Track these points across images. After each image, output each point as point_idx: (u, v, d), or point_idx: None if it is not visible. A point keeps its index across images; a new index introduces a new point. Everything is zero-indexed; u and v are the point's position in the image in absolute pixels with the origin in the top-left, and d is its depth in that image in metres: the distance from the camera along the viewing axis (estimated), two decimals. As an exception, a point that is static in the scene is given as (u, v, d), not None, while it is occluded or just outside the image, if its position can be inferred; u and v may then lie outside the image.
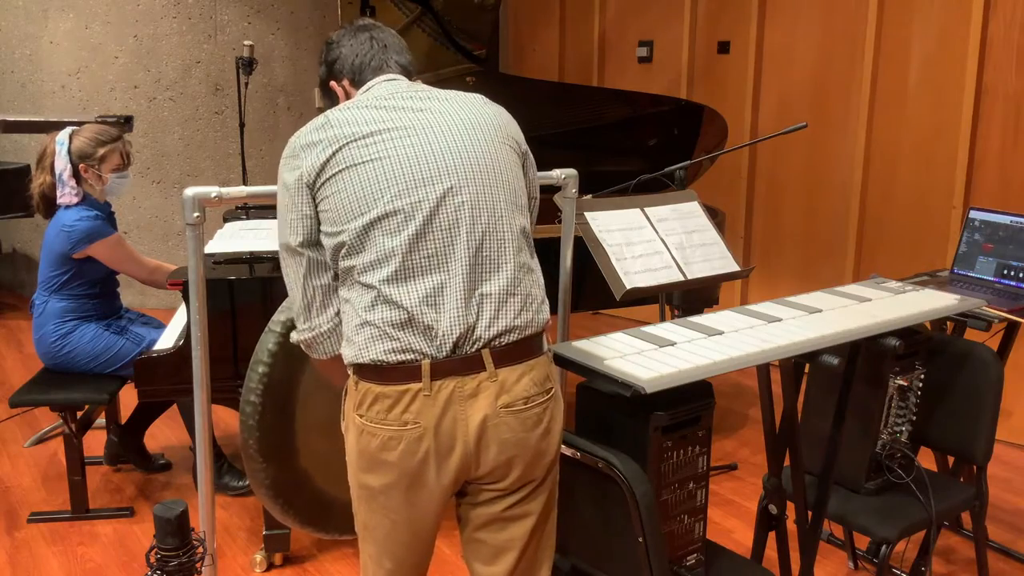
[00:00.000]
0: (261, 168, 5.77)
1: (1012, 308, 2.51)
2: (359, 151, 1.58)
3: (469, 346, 1.56)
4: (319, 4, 5.82)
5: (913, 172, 4.05)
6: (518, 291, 1.61)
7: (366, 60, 1.76)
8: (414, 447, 1.56)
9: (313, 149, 1.60)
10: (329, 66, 1.81)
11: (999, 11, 3.67)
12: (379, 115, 1.62)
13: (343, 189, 1.57)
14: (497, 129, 1.68)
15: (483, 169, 1.62)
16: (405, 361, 1.55)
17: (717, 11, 4.82)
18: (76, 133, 3.11)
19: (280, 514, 2.15)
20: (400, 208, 1.56)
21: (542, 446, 1.64)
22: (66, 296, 3.09)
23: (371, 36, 1.78)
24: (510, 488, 1.64)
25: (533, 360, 1.62)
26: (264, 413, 2.05)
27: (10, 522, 3.05)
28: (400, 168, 1.57)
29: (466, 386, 1.56)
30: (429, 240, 1.56)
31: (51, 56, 5.40)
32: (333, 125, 1.61)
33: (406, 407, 1.55)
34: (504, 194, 1.64)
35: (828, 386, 2.26)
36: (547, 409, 1.64)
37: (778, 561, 2.28)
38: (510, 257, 1.62)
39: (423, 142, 1.60)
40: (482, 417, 1.56)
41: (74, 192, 3.08)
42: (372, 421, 1.57)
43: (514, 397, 1.59)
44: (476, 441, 1.57)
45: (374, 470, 1.60)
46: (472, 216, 1.59)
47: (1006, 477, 3.49)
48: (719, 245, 2.45)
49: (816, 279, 4.47)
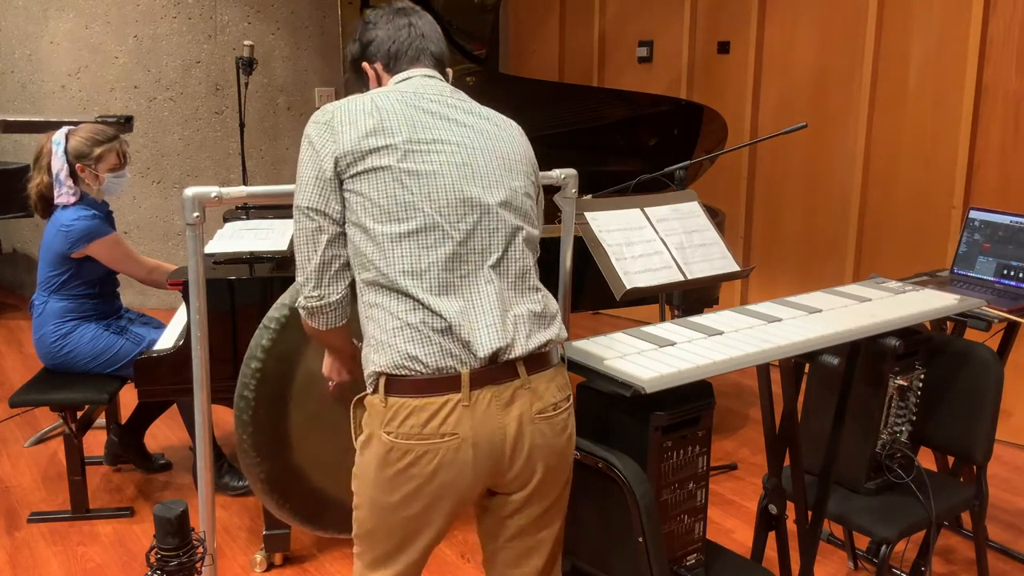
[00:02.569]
0: (261, 168, 5.77)
1: (1012, 308, 2.51)
2: (411, 157, 1.57)
3: (506, 359, 1.57)
4: (319, 4, 5.82)
5: (913, 172, 4.05)
6: (546, 311, 1.65)
7: (403, 48, 1.74)
8: (451, 458, 1.54)
9: (356, 129, 1.57)
10: (364, 46, 1.78)
11: (999, 11, 3.67)
12: (430, 121, 1.62)
13: (384, 188, 1.56)
14: (529, 162, 1.73)
15: (515, 200, 1.65)
16: (444, 368, 1.53)
17: (717, 11, 4.82)
18: (72, 133, 3.10)
19: (276, 509, 2.15)
20: (438, 224, 1.56)
21: (565, 450, 1.66)
22: (65, 296, 3.09)
23: (410, 23, 1.76)
24: (532, 493, 1.65)
25: (555, 367, 1.65)
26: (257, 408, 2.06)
27: (10, 522, 3.05)
28: (446, 185, 1.58)
29: (503, 394, 1.56)
30: (464, 260, 1.57)
31: (51, 56, 5.40)
32: (384, 116, 1.59)
33: (444, 419, 1.53)
34: (528, 225, 1.67)
35: (828, 386, 2.26)
36: (570, 414, 1.67)
37: (778, 561, 2.28)
38: (534, 282, 1.66)
39: (468, 163, 1.61)
40: (518, 424, 1.57)
41: (71, 192, 3.07)
42: (404, 437, 1.54)
43: (545, 403, 1.61)
44: (512, 448, 1.58)
45: (399, 488, 1.57)
46: (505, 243, 1.62)
47: (1006, 477, 3.49)
48: (719, 245, 2.45)
49: (816, 279, 4.48)
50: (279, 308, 2.05)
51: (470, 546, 2.90)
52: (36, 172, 3.13)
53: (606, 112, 4.10)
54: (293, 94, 5.81)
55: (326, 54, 5.89)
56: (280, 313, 2.04)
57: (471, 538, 2.94)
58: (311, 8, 5.80)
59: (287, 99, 5.80)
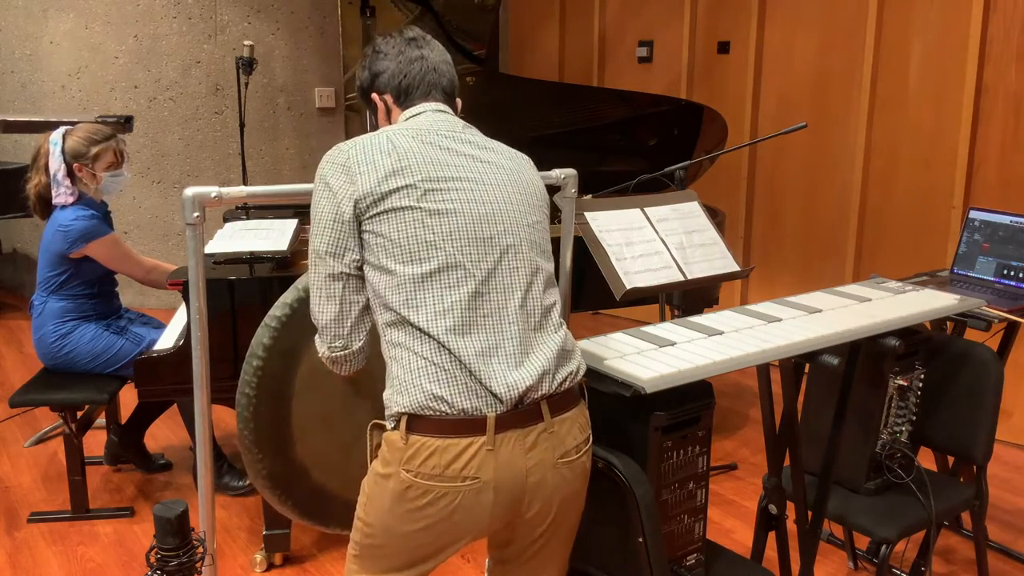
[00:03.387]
0: (261, 168, 5.77)
1: (1012, 308, 2.51)
2: (431, 196, 1.55)
3: (531, 400, 1.55)
4: (319, 4, 5.82)
5: (913, 172, 4.05)
6: (568, 347, 1.63)
7: (414, 83, 1.71)
8: (470, 502, 1.53)
9: (376, 171, 1.54)
10: (374, 77, 1.74)
11: (999, 11, 3.67)
12: (447, 159, 1.60)
13: (405, 228, 1.53)
14: (542, 196, 1.71)
15: (533, 237, 1.64)
16: (470, 410, 1.51)
17: (717, 11, 4.82)
18: (69, 133, 3.10)
19: (278, 504, 2.16)
20: (460, 263, 1.54)
21: (581, 489, 1.66)
22: (65, 296, 3.09)
23: (422, 55, 1.72)
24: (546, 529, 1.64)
25: (578, 407, 1.64)
26: (259, 405, 2.06)
27: (10, 522, 3.05)
28: (467, 223, 1.56)
29: (527, 439, 1.55)
30: (486, 299, 1.55)
31: (51, 56, 5.40)
32: (401, 155, 1.56)
33: (467, 463, 1.51)
34: (547, 263, 1.66)
35: (828, 386, 2.26)
36: (588, 455, 1.66)
37: (778, 561, 2.28)
38: (557, 319, 1.64)
39: (487, 200, 1.60)
40: (541, 470, 1.56)
41: (69, 192, 3.07)
42: (425, 477, 1.52)
43: (567, 447, 1.60)
44: (532, 493, 1.57)
45: (415, 522, 1.56)
46: (527, 281, 1.60)
47: (1006, 477, 3.49)
48: (719, 245, 2.45)
49: (816, 279, 4.48)
50: (281, 307, 2.05)
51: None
52: (34, 173, 3.13)
53: (606, 112, 4.10)
54: (293, 94, 5.81)
55: (326, 54, 5.89)
56: (282, 311, 2.05)
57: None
58: (311, 8, 5.80)
59: (287, 99, 5.80)
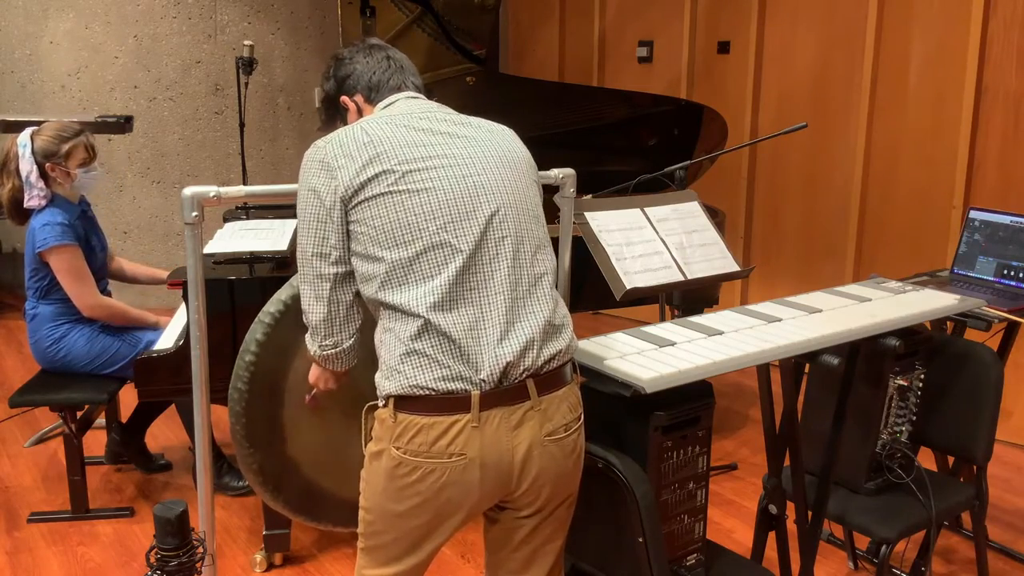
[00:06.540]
0: (261, 168, 5.76)
1: (1012, 308, 2.51)
2: (408, 177, 1.56)
3: (517, 376, 1.55)
4: (319, 4, 5.82)
5: (913, 172, 4.05)
6: (558, 321, 1.63)
7: (384, 78, 1.75)
8: (457, 478, 1.54)
9: (353, 163, 1.56)
10: (340, 81, 1.78)
11: (999, 11, 3.67)
12: (423, 138, 1.61)
13: (386, 214, 1.54)
14: (529, 166, 1.71)
15: (520, 204, 1.64)
16: (454, 391, 1.52)
17: (717, 11, 4.82)
18: (37, 133, 3.04)
19: (270, 500, 2.16)
20: (447, 241, 1.55)
21: (573, 470, 1.66)
22: (53, 300, 3.06)
23: (387, 55, 1.78)
24: (538, 510, 1.65)
25: (567, 387, 1.64)
26: (251, 400, 2.06)
27: (10, 522, 3.05)
28: (448, 200, 1.57)
29: (512, 416, 1.55)
30: (473, 272, 1.56)
31: (51, 56, 5.40)
32: (377, 142, 1.58)
33: (452, 439, 1.53)
34: (537, 229, 1.66)
35: (828, 386, 2.26)
36: (580, 435, 1.66)
37: (778, 561, 2.28)
38: (547, 289, 1.63)
39: (467, 173, 1.60)
40: (528, 447, 1.57)
41: (42, 194, 3.01)
42: (412, 454, 1.54)
43: (556, 425, 1.60)
44: (520, 469, 1.58)
45: (407, 500, 1.58)
46: (513, 249, 1.60)
47: (1006, 477, 3.49)
48: (719, 245, 2.45)
49: (816, 279, 4.47)
50: (275, 303, 2.06)
51: (470, 546, 2.90)
52: (5, 178, 3.05)
53: (606, 112, 4.10)
54: (293, 94, 5.81)
55: (326, 54, 5.89)
56: (275, 308, 2.05)
57: (471, 538, 2.94)
58: (311, 8, 5.80)
59: (287, 99, 5.80)
